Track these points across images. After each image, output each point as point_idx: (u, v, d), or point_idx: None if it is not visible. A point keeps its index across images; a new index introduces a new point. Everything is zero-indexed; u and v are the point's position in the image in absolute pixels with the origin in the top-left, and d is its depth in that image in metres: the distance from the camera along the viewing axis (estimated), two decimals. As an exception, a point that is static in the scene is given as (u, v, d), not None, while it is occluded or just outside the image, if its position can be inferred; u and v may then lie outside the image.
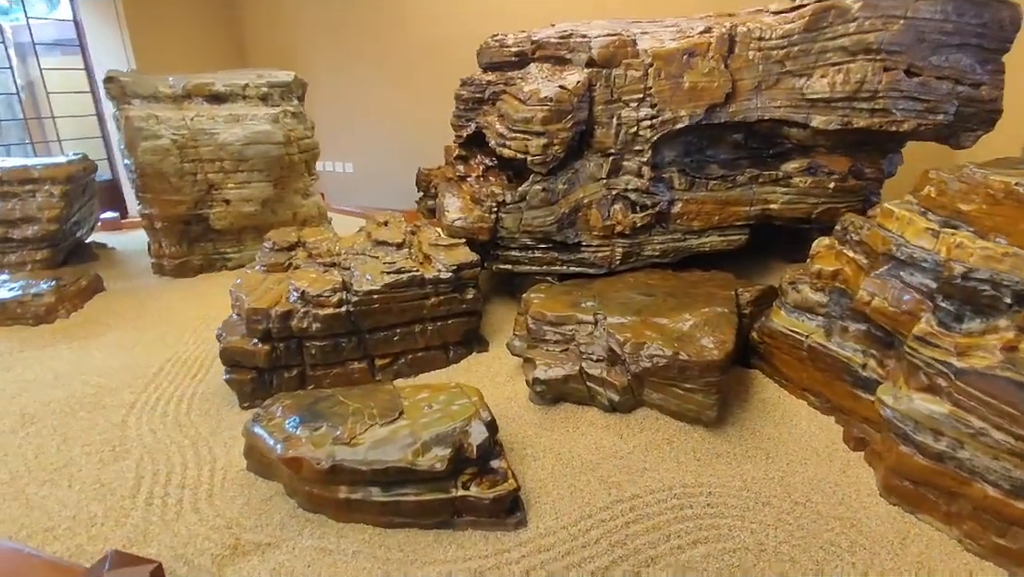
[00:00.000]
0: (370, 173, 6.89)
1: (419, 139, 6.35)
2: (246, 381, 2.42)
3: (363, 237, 3.09)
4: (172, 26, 6.61)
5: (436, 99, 6.09)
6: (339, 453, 1.79)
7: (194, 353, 2.98)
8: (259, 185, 3.92)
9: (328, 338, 2.46)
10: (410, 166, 6.50)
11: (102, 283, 3.87)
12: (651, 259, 2.83)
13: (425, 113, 6.25)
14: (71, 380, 2.73)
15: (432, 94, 6.11)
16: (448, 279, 2.56)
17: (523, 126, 2.67)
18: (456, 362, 2.70)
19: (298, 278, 2.55)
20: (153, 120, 3.52)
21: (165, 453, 2.17)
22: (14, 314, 3.34)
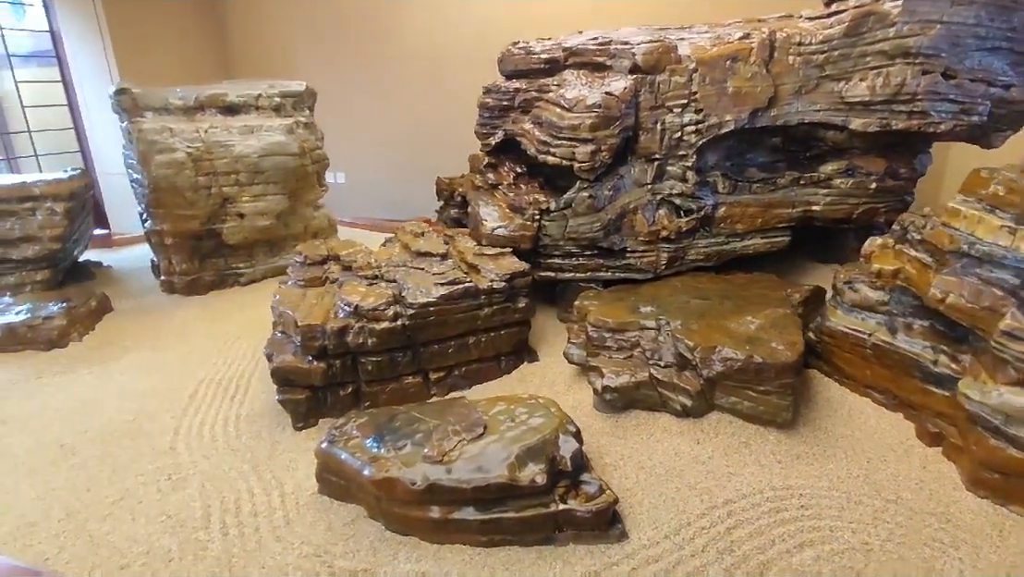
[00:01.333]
0: (363, 184, 6.78)
1: (413, 149, 6.30)
2: (300, 401, 2.34)
3: (398, 248, 3.03)
4: (156, 37, 6.42)
5: (431, 108, 6.05)
6: (433, 472, 1.73)
7: (226, 373, 2.87)
8: (274, 198, 3.82)
9: (383, 353, 2.40)
10: (404, 176, 6.45)
11: (110, 303, 3.71)
12: (695, 263, 2.84)
13: (419, 123, 6.19)
14: (102, 407, 2.60)
15: (426, 103, 6.06)
16: (501, 289, 2.53)
17: (570, 133, 2.66)
18: (508, 372, 2.66)
19: (347, 292, 2.47)
20: (167, 133, 3.40)
21: (226, 480, 2.08)
22: (24, 339, 3.17)
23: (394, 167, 6.46)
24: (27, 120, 6.31)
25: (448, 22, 5.63)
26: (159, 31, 6.47)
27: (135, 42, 6.22)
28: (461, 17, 5.56)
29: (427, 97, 6.06)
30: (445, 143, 6.10)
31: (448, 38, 5.70)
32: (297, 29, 6.66)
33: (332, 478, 1.94)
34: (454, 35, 5.65)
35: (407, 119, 6.22)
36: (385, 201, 6.59)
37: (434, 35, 5.78)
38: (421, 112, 6.17)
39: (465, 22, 5.55)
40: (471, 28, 5.52)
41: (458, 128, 5.98)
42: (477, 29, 5.48)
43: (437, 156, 6.14)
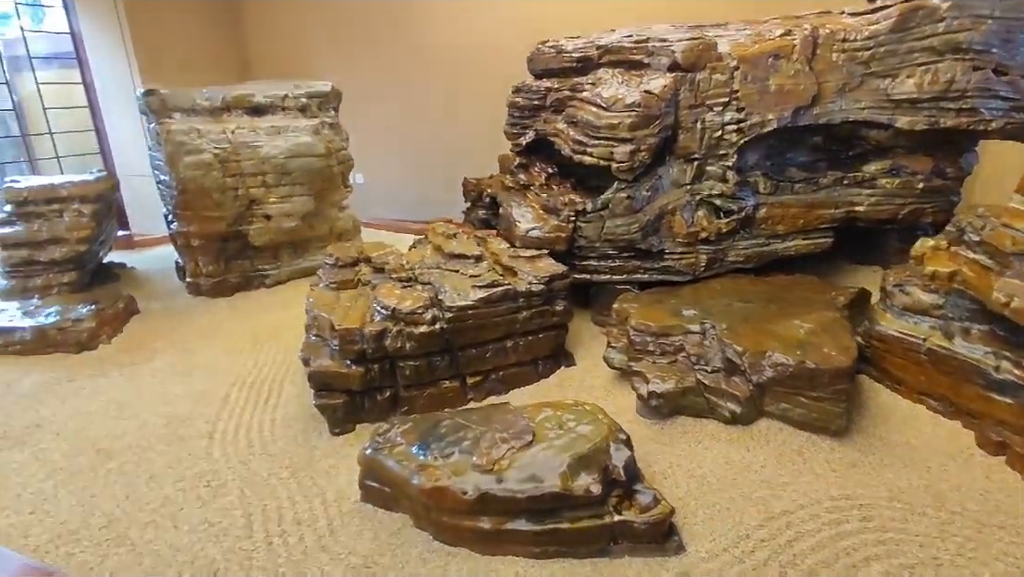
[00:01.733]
0: (381, 184, 6.76)
1: (433, 149, 6.26)
2: (338, 405, 2.30)
3: (430, 250, 2.99)
4: (175, 38, 6.42)
5: (451, 108, 6.01)
6: (484, 482, 1.68)
7: (257, 376, 2.84)
8: (300, 199, 3.79)
9: (421, 357, 2.35)
10: (423, 176, 6.41)
11: (137, 305, 3.69)
12: (734, 265, 2.78)
13: (439, 123, 6.15)
14: (136, 410, 2.57)
15: (447, 103, 6.02)
16: (540, 292, 2.48)
17: (607, 132, 2.60)
18: (546, 377, 2.61)
19: (383, 295, 2.43)
20: (195, 134, 3.37)
21: (266, 486, 2.04)
22: (54, 341, 3.15)
23: (413, 167, 6.43)
24: (48, 122, 6.34)
25: (467, 21, 5.59)
26: (179, 32, 6.47)
27: (155, 43, 6.23)
28: (481, 15, 5.52)
29: (447, 97, 6.03)
30: (465, 143, 6.07)
31: (467, 37, 5.66)
32: (316, 30, 6.64)
33: (376, 486, 1.90)
34: (473, 34, 5.61)
35: (427, 119, 6.19)
36: (403, 201, 6.56)
37: (453, 34, 5.74)
38: (441, 112, 6.14)
39: (485, 20, 5.51)
40: (491, 27, 5.48)
41: (479, 128, 5.95)
42: (498, 28, 5.44)
43: (457, 156, 6.11)
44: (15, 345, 3.13)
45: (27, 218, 3.72)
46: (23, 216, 3.72)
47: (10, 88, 6.04)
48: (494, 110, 5.68)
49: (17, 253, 3.66)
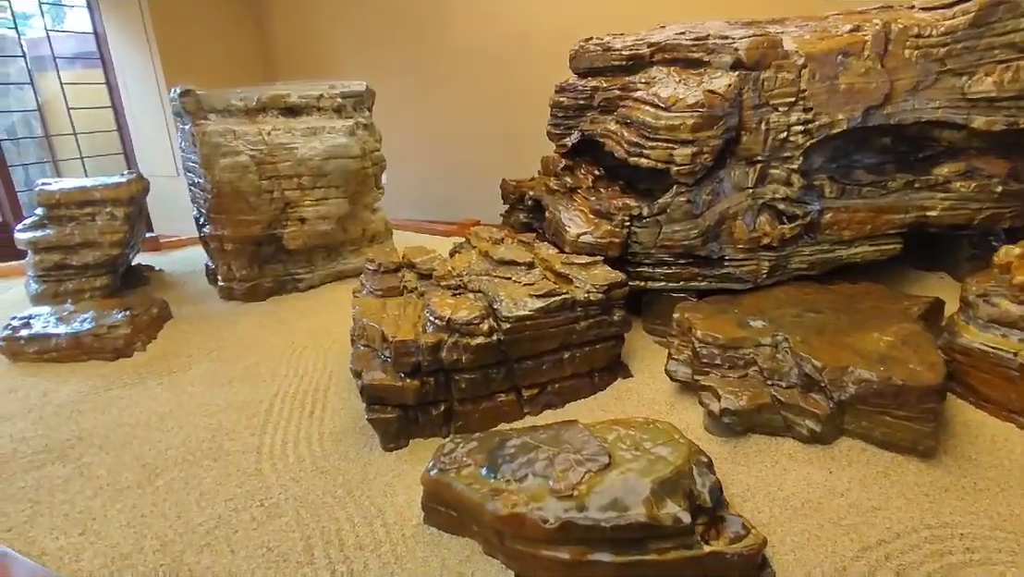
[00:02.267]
0: (402, 184, 6.67)
1: (457, 149, 6.17)
2: (391, 420, 2.20)
3: (475, 255, 2.89)
4: (200, 38, 6.37)
5: (476, 107, 5.91)
6: (565, 509, 1.58)
7: (299, 386, 2.76)
8: (336, 201, 3.70)
9: (477, 370, 2.25)
10: (447, 177, 6.31)
11: (169, 310, 3.62)
12: (797, 272, 2.66)
13: (464, 122, 6.06)
14: (178, 422, 2.49)
15: (472, 102, 5.92)
16: (598, 301, 2.37)
17: (667, 134, 2.49)
18: (602, 389, 2.50)
19: (437, 305, 2.33)
20: (231, 135, 3.29)
21: (321, 506, 1.95)
22: (89, 348, 3.08)
23: (436, 167, 6.34)
24: (72, 123, 6.30)
25: (500, 21, 5.48)
26: (203, 32, 6.42)
27: (180, 43, 6.17)
28: (512, 14, 5.41)
29: (475, 96, 5.93)
30: (493, 144, 5.97)
31: (493, 36, 5.56)
32: (339, 29, 6.56)
33: (441, 509, 1.80)
34: (501, 33, 5.51)
35: (451, 119, 6.10)
36: (426, 202, 6.47)
37: (478, 33, 5.64)
38: (467, 111, 6.04)
39: (514, 20, 5.40)
40: (520, 26, 5.38)
41: (508, 128, 5.85)
42: (527, 27, 5.34)
43: (483, 156, 6.01)
44: (51, 352, 3.06)
45: (59, 221, 3.66)
46: (55, 219, 3.66)
47: (35, 88, 6.00)
48: (525, 110, 5.58)
49: (49, 257, 3.61)
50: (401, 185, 6.56)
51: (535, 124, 5.60)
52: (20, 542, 1.84)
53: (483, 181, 6.08)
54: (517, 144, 5.79)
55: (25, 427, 2.50)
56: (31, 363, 3.08)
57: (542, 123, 5.57)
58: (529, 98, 5.58)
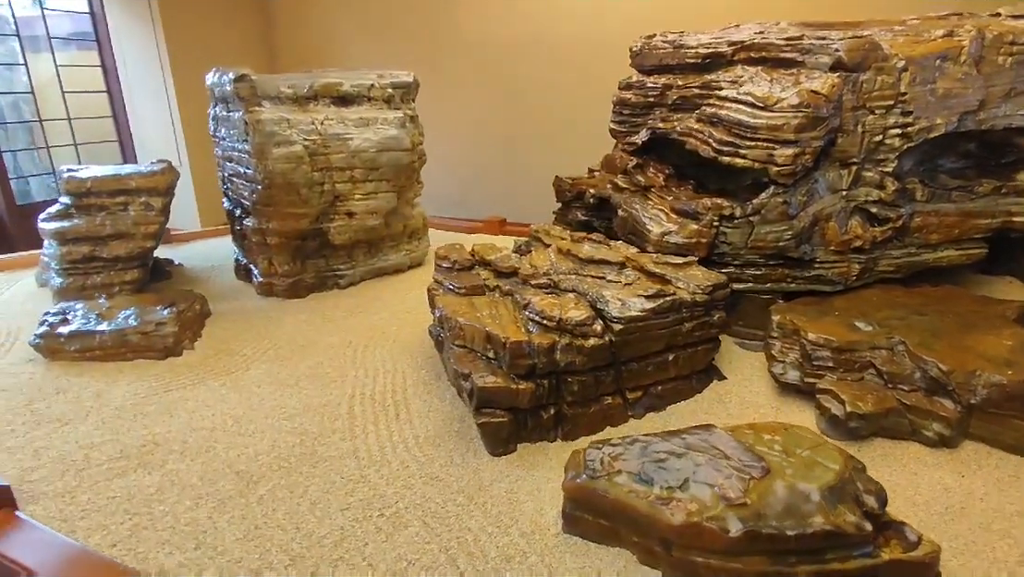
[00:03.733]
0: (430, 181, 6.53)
1: (476, 145, 6.07)
2: (503, 424, 2.11)
3: (552, 254, 2.81)
4: (206, 22, 6.10)
5: (496, 103, 5.83)
6: (742, 517, 1.53)
7: (373, 388, 2.63)
8: (385, 196, 3.57)
9: (589, 372, 2.18)
10: (467, 173, 6.21)
11: (209, 307, 3.43)
12: (883, 275, 2.67)
13: (483, 118, 5.97)
14: (257, 425, 2.35)
15: (493, 97, 5.84)
16: (703, 302, 2.33)
17: (767, 133, 2.46)
18: (700, 392, 2.46)
19: (541, 305, 2.25)
20: (284, 124, 3.13)
21: (447, 515, 1.85)
22: (136, 346, 2.89)
23: (453, 164, 6.22)
24: (67, 107, 5.97)
25: (517, 14, 5.41)
26: (208, 15, 6.15)
27: (185, 26, 5.90)
28: (531, 8, 5.35)
29: (492, 90, 5.84)
30: (512, 139, 5.89)
31: (511, 29, 5.50)
32: (348, 18, 6.37)
33: (588, 517, 1.73)
34: (518, 26, 5.45)
35: (468, 113, 5.99)
36: (441, 200, 6.35)
37: (495, 26, 5.57)
38: (484, 106, 5.95)
39: (535, 13, 5.34)
40: (539, 19, 5.32)
41: (526, 123, 5.77)
42: (545, 21, 5.29)
43: (504, 153, 5.93)
44: (94, 351, 2.86)
45: (87, 211, 3.44)
46: (83, 208, 3.43)
47: (28, 70, 5.64)
48: (546, 105, 5.53)
49: (78, 249, 3.38)
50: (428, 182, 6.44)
51: (559, 120, 5.57)
52: (131, 559, 1.69)
53: (506, 178, 6.01)
54: (541, 141, 5.74)
55: (89, 431, 2.32)
56: (72, 362, 2.87)
57: (568, 118, 5.53)
58: (551, 93, 5.54)
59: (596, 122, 5.45)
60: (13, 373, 2.78)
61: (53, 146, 5.90)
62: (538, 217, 5.64)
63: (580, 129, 5.50)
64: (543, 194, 5.81)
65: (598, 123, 5.41)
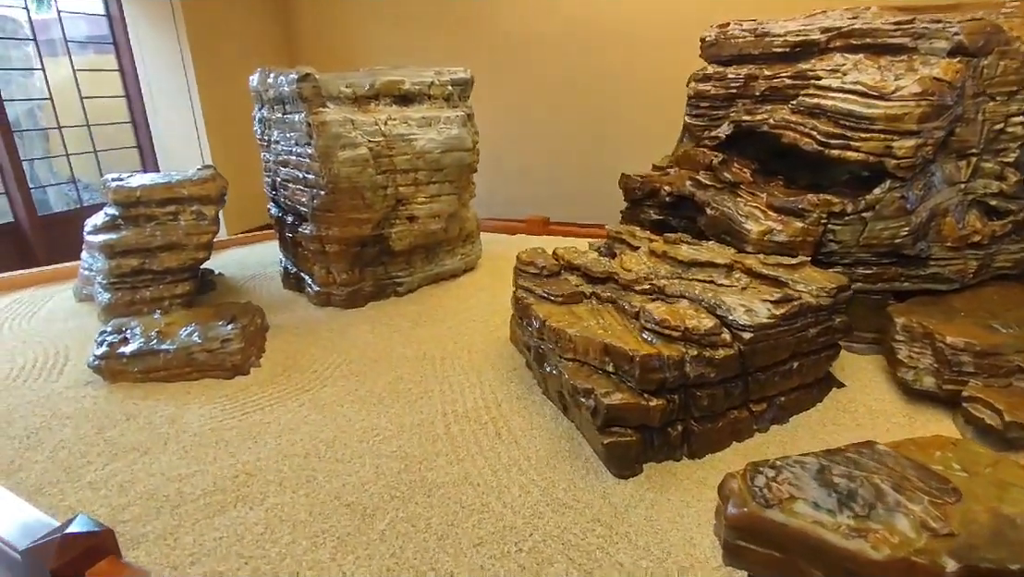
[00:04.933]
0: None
1: (517, 140, 5.91)
2: (632, 444, 1.96)
3: (645, 256, 2.66)
4: (228, 21, 5.91)
5: (536, 97, 5.67)
6: (950, 549, 1.38)
7: (465, 404, 2.48)
8: (448, 198, 3.41)
9: (719, 385, 2.03)
10: (508, 170, 6.03)
11: (267, 320, 3.26)
12: (999, 271, 2.53)
13: (521, 112, 5.81)
14: (354, 451, 2.19)
15: (532, 91, 5.68)
16: (827, 305, 2.18)
17: (885, 124, 2.31)
18: (820, 401, 2.31)
19: (664, 313, 2.09)
20: (349, 125, 2.96)
21: (592, 548, 1.70)
22: (203, 365, 2.72)
23: (497, 163, 6.05)
24: (86, 113, 5.77)
25: (547, 4, 5.25)
26: (231, 14, 5.96)
27: (208, 27, 5.70)
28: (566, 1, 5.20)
29: (527, 86, 5.68)
30: (547, 136, 5.73)
31: (548, 22, 5.34)
32: (371, 15, 6.20)
33: (759, 549, 1.57)
34: (554, 18, 5.29)
35: (504, 110, 5.83)
36: (489, 200, 6.19)
37: (531, 19, 5.40)
38: (519, 102, 5.79)
39: (572, 5, 5.18)
40: (574, 12, 5.16)
41: (561, 120, 5.62)
42: (581, 13, 5.13)
43: (549, 150, 5.76)
44: (159, 371, 2.69)
45: (135, 221, 3.26)
46: (131, 219, 3.26)
47: (46, 75, 5.44)
48: (598, 100, 5.37)
49: (127, 262, 3.21)
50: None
51: (601, 115, 5.41)
52: (262, 610, 1.53)
53: (545, 176, 5.85)
54: (582, 137, 5.58)
55: (172, 461, 2.15)
56: (134, 384, 2.70)
57: (610, 113, 5.37)
58: (593, 88, 5.38)
59: (638, 117, 5.32)
60: (74, 399, 2.61)
61: (73, 153, 5.69)
62: (581, 215, 5.50)
63: (622, 124, 5.36)
64: (585, 191, 5.67)
65: (640, 118, 5.29)
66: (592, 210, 5.56)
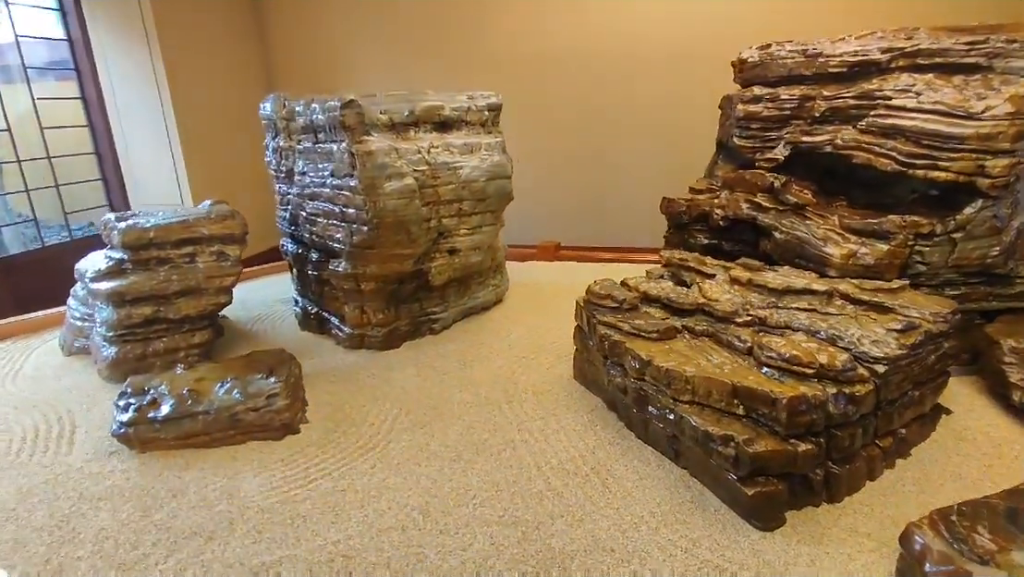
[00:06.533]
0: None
1: (520, 164, 5.75)
2: (779, 493, 1.80)
3: (726, 284, 2.53)
4: (202, 46, 5.56)
5: (536, 119, 5.55)
6: None
7: (554, 454, 2.27)
8: (490, 229, 3.21)
9: (858, 423, 1.90)
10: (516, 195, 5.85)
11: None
12: (1078, 287, 2.53)
13: (522, 135, 5.67)
14: (456, 520, 1.94)
15: (532, 114, 5.56)
16: (944, 332, 2.10)
17: (977, 144, 2.28)
18: (934, 430, 2.22)
19: (793, 349, 1.96)
20: (394, 154, 2.74)
21: (772, 620, 1.52)
22: (249, 427, 2.41)
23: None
24: (46, 145, 5.29)
25: (553, 27, 5.18)
26: (205, 38, 5.62)
27: (184, 50, 5.34)
28: (568, 20, 5.13)
29: (537, 108, 5.56)
30: (553, 160, 5.62)
31: (547, 41, 5.25)
32: (349, 35, 5.97)
33: (971, 611, 1.43)
34: (553, 39, 5.21)
35: (514, 133, 5.68)
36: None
37: (532, 38, 5.31)
38: (531, 124, 5.65)
39: (575, 25, 5.12)
40: (577, 31, 5.11)
41: (564, 142, 5.52)
42: (579, 35, 5.08)
43: (553, 173, 5.63)
44: (198, 436, 2.37)
45: (146, 265, 2.92)
46: (141, 263, 2.91)
47: (2, 105, 4.95)
48: (601, 122, 5.28)
49: (138, 311, 2.86)
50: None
51: (605, 137, 5.33)
52: None
53: (550, 200, 5.71)
54: (586, 160, 5.49)
55: (247, 547, 1.85)
56: (168, 453, 2.36)
57: (614, 135, 5.30)
58: (594, 109, 5.31)
59: (639, 139, 5.27)
60: (100, 475, 2.25)
61: (33, 189, 5.18)
62: (592, 239, 5.38)
63: (626, 147, 5.29)
64: (593, 214, 5.56)
65: (642, 140, 5.23)
66: (601, 231, 5.46)
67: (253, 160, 6.18)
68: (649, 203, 5.18)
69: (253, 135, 6.18)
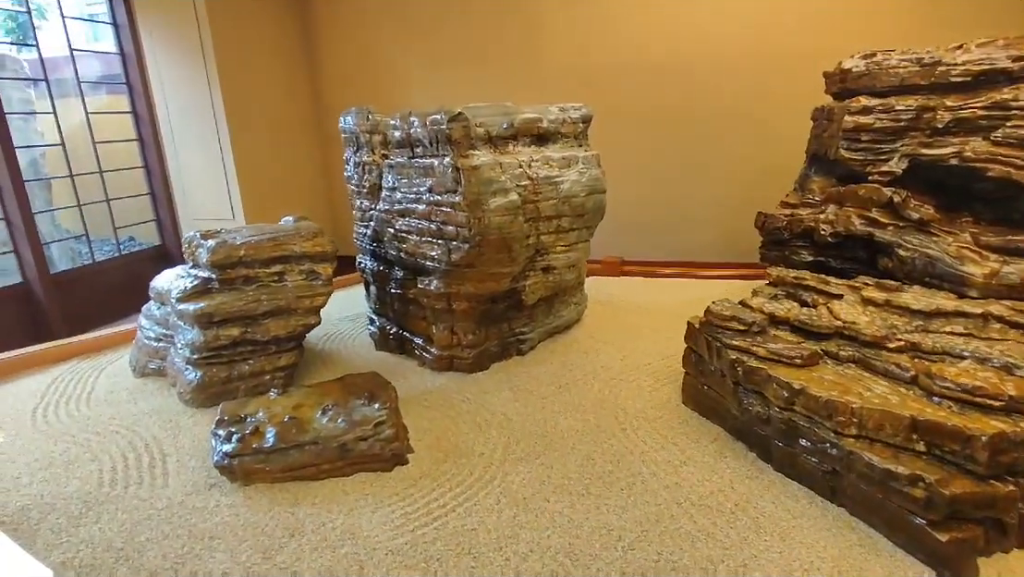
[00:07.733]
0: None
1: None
2: (978, 538, 1.64)
3: (858, 305, 2.38)
4: (254, 61, 5.49)
5: (599, 130, 5.43)
6: None
7: (687, 487, 2.12)
8: (584, 246, 3.08)
9: (1047, 459, 1.74)
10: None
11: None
12: None
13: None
14: (605, 562, 1.79)
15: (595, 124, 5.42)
16: (1121, 357, 1.93)
17: None
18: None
19: (972, 379, 1.80)
20: (498, 169, 2.61)
21: None
22: (357, 457, 2.27)
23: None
24: (98, 159, 5.22)
25: (608, 38, 5.07)
26: (258, 51, 5.55)
27: (237, 68, 5.27)
28: (624, 29, 5.01)
29: (601, 117, 5.43)
30: (625, 170, 5.48)
31: (609, 51, 5.14)
32: (399, 51, 5.88)
33: None
34: (617, 50, 5.10)
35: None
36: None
37: (594, 49, 5.19)
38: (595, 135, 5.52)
39: (630, 34, 5.01)
40: (637, 42, 4.99)
41: (637, 154, 5.38)
42: (633, 43, 4.95)
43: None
44: (305, 468, 2.23)
45: (232, 284, 2.80)
46: (227, 282, 2.79)
47: (57, 119, 4.89)
48: (663, 132, 5.16)
49: (226, 332, 2.73)
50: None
51: (667, 147, 5.20)
52: None
53: (612, 214, 5.58)
54: (646, 173, 5.36)
55: (388, 594, 1.70)
56: (272, 485, 2.22)
57: (673, 147, 5.17)
58: (655, 119, 5.18)
59: (703, 153, 5.13)
60: (206, 510, 2.11)
61: (85, 204, 5.11)
62: (649, 253, 5.23)
63: (688, 161, 5.16)
64: (654, 228, 5.41)
65: (705, 155, 5.10)
66: (664, 245, 5.32)
67: (305, 174, 6.11)
68: (714, 217, 5.06)
69: (304, 150, 6.14)
